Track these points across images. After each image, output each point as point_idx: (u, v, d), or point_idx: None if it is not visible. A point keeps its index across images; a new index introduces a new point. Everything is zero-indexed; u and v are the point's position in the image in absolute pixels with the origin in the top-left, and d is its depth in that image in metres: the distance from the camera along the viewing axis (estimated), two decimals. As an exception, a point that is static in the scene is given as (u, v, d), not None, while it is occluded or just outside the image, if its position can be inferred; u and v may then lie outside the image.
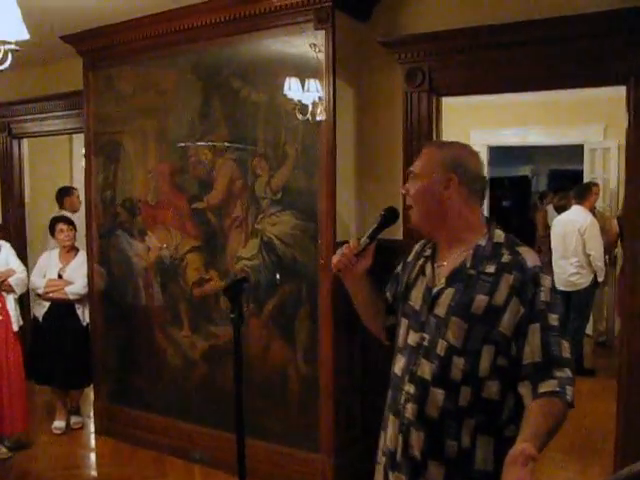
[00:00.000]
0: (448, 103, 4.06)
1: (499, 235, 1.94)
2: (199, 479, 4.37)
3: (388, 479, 2.01)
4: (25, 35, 3.03)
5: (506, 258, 1.86)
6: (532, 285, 1.81)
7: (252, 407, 4.24)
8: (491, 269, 1.85)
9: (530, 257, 1.86)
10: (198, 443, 4.51)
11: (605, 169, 7.76)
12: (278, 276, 4.12)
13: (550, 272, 1.91)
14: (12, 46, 2.99)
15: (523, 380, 1.77)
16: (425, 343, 1.91)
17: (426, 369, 1.89)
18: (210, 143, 4.32)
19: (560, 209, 7.92)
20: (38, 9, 3.85)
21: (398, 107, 3.97)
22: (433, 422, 1.86)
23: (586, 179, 7.75)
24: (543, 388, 1.73)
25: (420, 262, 2.07)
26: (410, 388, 1.92)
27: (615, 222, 6.69)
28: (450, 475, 1.85)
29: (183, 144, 4.46)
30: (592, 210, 6.58)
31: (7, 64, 3.02)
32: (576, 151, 8.81)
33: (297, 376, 4.05)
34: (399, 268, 2.21)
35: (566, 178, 10.47)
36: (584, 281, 6.26)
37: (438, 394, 1.86)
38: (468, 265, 1.90)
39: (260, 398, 4.17)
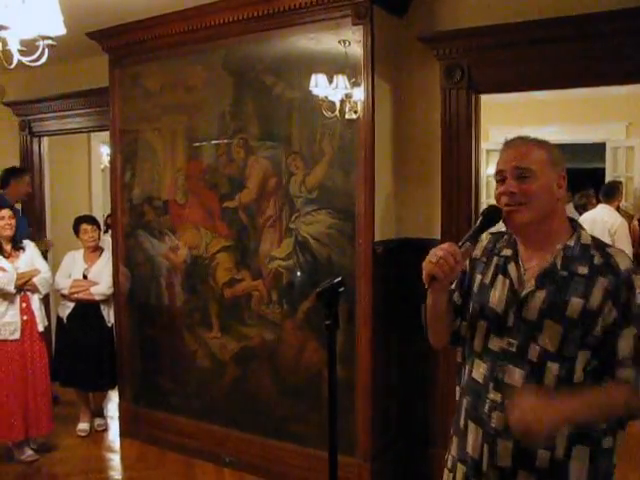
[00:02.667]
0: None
1: (586, 236, 1.88)
2: (229, 483, 4.32)
3: None
4: (62, 30, 2.96)
5: (598, 260, 1.80)
6: (626, 288, 1.76)
7: (285, 410, 4.19)
8: (584, 270, 1.79)
9: (622, 259, 1.81)
10: (228, 446, 4.44)
11: (628, 168, 7.68)
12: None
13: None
14: (50, 41, 2.92)
15: (610, 372, 1.77)
16: (512, 349, 1.83)
17: (515, 376, 1.81)
18: (242, 140, 4.23)
19: (581, 208, 7.83)
20: (63, 4, 3.76)
21: (436, 104, 3.90)
22: None
23: (608, 178, 7.66)
24: (620, 374, 1.75)
25: (495, 260, 1.96)
26: (496, 396, 1.84)
27: (636, 222, 6.59)
28: None
29: (214, 142, 4.38)
30: (617, 209, 6.50)
31: (44, 59, 2.95)
32: (594, 149, 8.73)
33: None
34: (466, 265, 2.02)
35: (584, 176, 10.37)
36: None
37: None
38: (559, 266, 1.82)
39: (294, 401, 4.12)
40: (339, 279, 1.80)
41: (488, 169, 8.44)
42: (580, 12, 3.38)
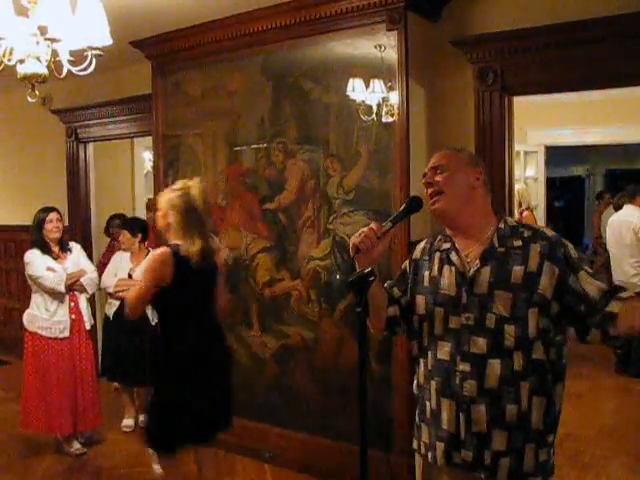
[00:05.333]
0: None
1: (511, 220, 2.21)
2: (270, 478, 4.42)
3: (452, 460, 2.14)
4: (109, 40, 3.10)
5: (527, 233, 2.12)
6: (559, 247, 2.07)
7: (324, 406, 4.29)
8: (518, 243, 2.10)
9: (548, 230, 2.16)
10: (268, 442, 4.56)
11: (668, 168, 7.63)
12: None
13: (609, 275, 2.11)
14: (98, 52, 3.07)
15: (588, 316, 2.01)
16: (470, 322, 2.09)
17: (479, 343, 2.06)
18: (281, 144, 4.36)
19: (618, 208, 7.79)
20: (107, 15, 3.91)
21: (469, 107, 3.96)
22: (493, 392, 2.04)
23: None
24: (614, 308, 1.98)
25: (438, 255, 2.25)
26: (465, 367, 2.08)
27: None
28: (512, 439, 2.04)
29: (253, 145, 4.51)
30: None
31: (92, 68, 3.09)
32: (635, 150, 8.68)
33: (369, 375, 4.05)
34: (406, 265, 2.41)
35: (625, 178, 10.30)
36: (645, 281, 6.09)
37: (495, 364, 2.04)
38: (496, 244, 2.12)
39: (333, 397, 4.22)
40: (370, 269, 1.96)
41: (526, 171, 8.45)
42: (612, 13, 3.43)
